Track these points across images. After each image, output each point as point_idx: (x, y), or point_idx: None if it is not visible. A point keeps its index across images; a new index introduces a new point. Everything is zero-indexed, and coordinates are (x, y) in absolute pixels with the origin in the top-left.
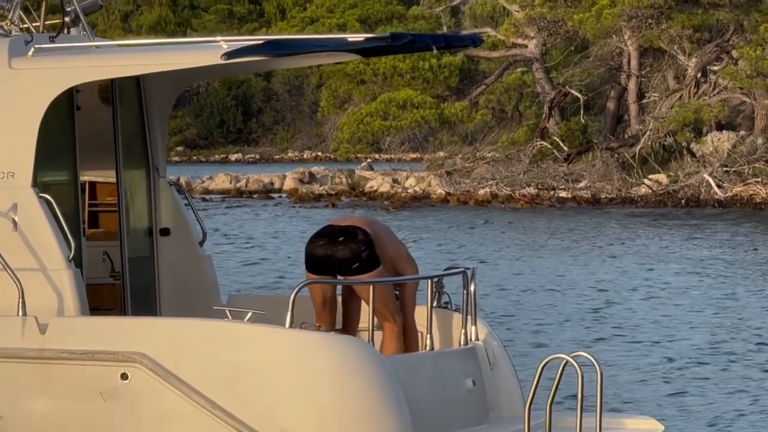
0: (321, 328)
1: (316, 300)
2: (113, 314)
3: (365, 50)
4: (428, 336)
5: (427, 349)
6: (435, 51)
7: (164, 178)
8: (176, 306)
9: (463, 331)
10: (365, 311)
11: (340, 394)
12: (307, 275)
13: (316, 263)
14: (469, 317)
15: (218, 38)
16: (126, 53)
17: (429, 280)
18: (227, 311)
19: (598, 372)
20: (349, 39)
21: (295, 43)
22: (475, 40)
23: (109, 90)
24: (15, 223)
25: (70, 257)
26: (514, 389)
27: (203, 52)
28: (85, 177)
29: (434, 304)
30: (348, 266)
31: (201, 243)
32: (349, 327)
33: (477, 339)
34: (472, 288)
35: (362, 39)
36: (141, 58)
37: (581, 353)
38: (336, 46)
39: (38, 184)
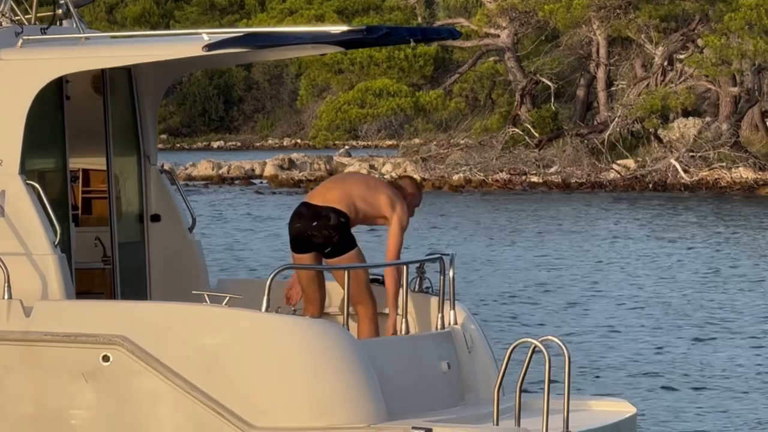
0: (309, 309)
1: (300, 280)
2: (103, 298)
3: (343, 42)
4: (404, 320)
5: (403, 332)
6: (412, 43)
7: (155, 165)
8: (166, 290)
9: (439, 315)
10: (337, 293)
11: (315, 376)
12: (292, 255)
13: (297, 243)
14: (446, 302)
15: (201, 31)
16: (113, 45)
17: (405, 266)
18: (205, 296)
19: (566, 356)
20: (327, 32)
21: (275, 35)
22: (453, 33)
23: (102, 81)
24: (1, 209)
25: (56, 242)
26: (491, 372)
27: (186, 44)
28: (80, 165)
29: (416, 288)
30: (321, 250)
31: (190, 229)
32: (313, 304)
33: (455, 323)
34: (450, 273)
35: (339, 32)
36: (126, 50)
37: (549, 337)
38: (314, 39)
39: (26, 172)
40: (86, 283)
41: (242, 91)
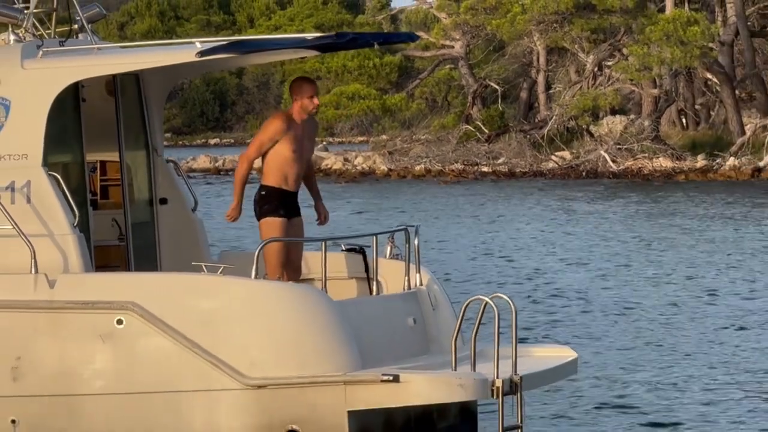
0: (282, 277)
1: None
2: (119, 271)
3: (316, 47)
4: (375, 282)
5: (375, 293)
6: (376, 46)
7: (162, 156)
8: (174, 262)
9: (406, 278)
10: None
11: (298, 333)
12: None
13: None
14: (413, 266)
15: (194, 40)
16: (121, 54)
17: (374, 237)
18: (203, 266)
19: (513, 309)
20: (304, 38)
21: (259, 42)
22: (412, 37)
23: (114, 84)
24: (28, 196)
25: (75, 224)
26: (452, 326)
27: (183, 51)
28: (97, 157)
29: (387, 255)
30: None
31: (193, 209)
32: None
33: (420, 284)
34: (415, 242)
35: (313, 38)
36: (132, 58)
37: (498, 294)
38: (293, 44)
39: (48, 164)
40: (105, 258)
41: (235, 95)
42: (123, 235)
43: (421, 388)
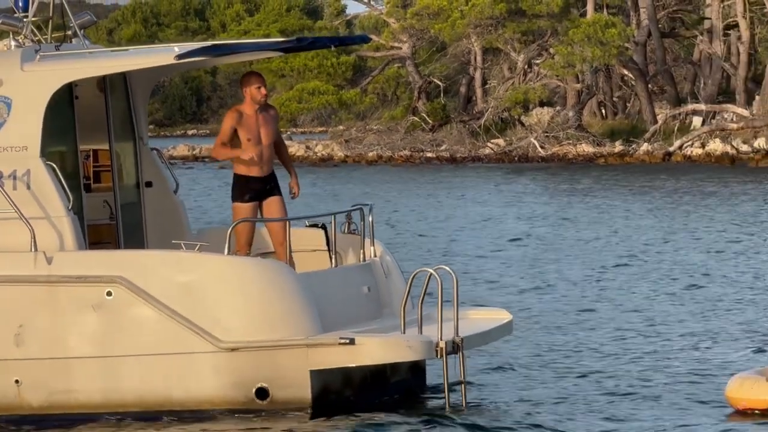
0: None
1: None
2: (110, 247)
3: (280, 49)
4: (334, 256)
5: (334, 265)
6: (332, 48)
7: (147, 145)
8: (158, 239)
9: (362, 251)
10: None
11: (265, 302)
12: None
13: None
14: (367, 240)
15: (173, 45)
16: (110, 57)
17: (333, 216)
18: (182, 244)
19: (455, 279)
20: (269, 42)
21: (230, 45)
22: (364, 38)
23: (103, 82)
24: (28, 184)
25: (70, 207)
26: (402, 293)
27: (163, 54)
28: (91, 146)
29: (345, 231)
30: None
31: (175, 192)
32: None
33: (374, 256)
34: (370, 219)
35: (277, 42)
36: (120, 61)
37: (442, 266)
38: (259, 48)
39: (45, 154)
40: (97, 235)
41: (209, 91)
42: (113, 215)
43: (374, 349)
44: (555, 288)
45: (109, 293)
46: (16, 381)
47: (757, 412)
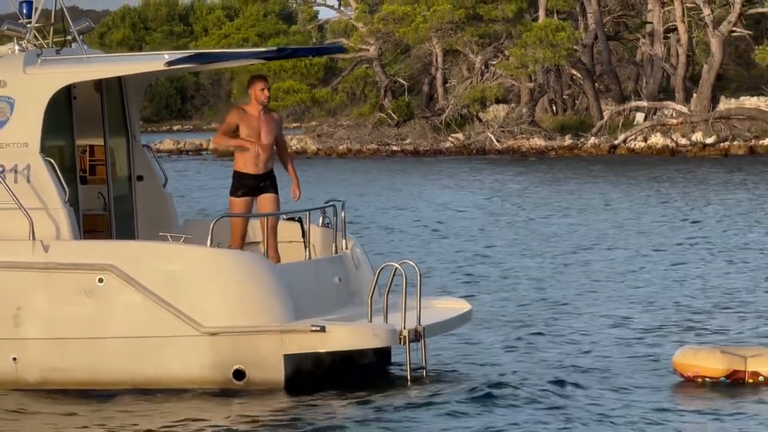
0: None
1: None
2: (104, 237)
3: (263, 58)
4: (309, 248)
5: (308, 257)
6: (311, 57)
7: (139, 141)
8: (148, 229)
9: (334, 244)
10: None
11: (243, 291)
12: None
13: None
14: (339, 233)
15: (163, 52)
16: (106, 62)
17: (308, 212)
18: (168, 236)
19: (418, 273)
20: (252, 51)
21: (215, 54)
22: (340, 49)
23: (99, 83)
24: (28, 177)
25: (66, 199)
26: (371, 284)
27: (154, 61)
28: (87, 142)
29: (319, 224)
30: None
31: (164, 185)
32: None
33: (346, 249)
34: (342, 214)
35: (260, 51)
36: (115, 66)
37: (406, 261)
38: (243, 57)
39: (45, 150)
40: (92, 225)
41: (193, 90)
42: (107, 206)
43: (343, 336)
44: (516, 277)
45: (100, 280)
46: (14, 358)
47: (708, 379)
